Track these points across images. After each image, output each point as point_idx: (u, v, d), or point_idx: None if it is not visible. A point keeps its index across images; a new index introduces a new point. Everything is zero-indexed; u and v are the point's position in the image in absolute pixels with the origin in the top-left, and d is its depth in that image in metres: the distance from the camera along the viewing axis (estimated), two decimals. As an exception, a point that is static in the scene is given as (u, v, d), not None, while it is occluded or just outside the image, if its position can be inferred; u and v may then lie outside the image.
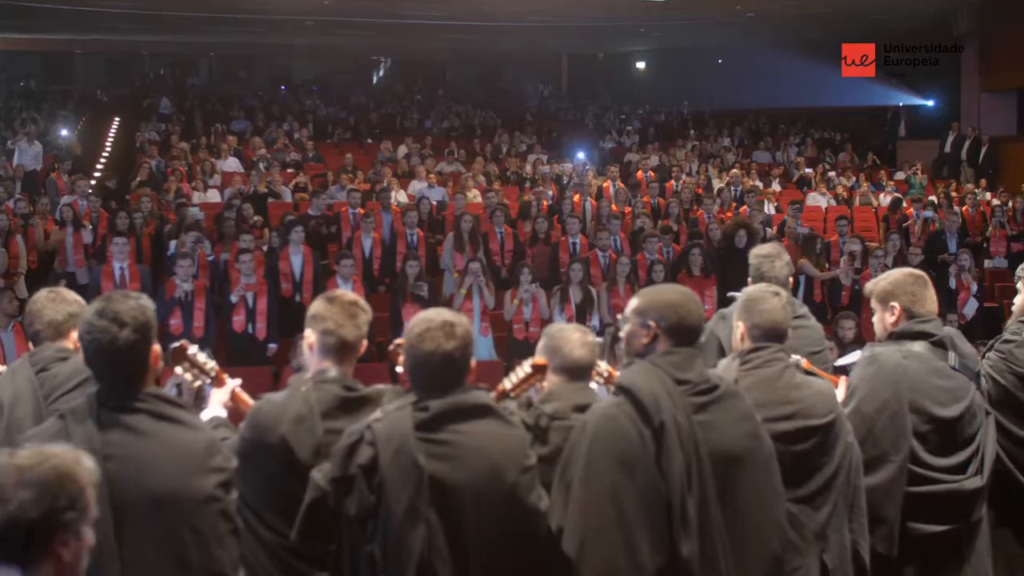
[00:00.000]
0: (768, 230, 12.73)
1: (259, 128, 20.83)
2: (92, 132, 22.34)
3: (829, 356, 4.65)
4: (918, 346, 3.89)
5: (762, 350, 3.53)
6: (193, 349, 3.61)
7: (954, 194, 16.58)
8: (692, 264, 10.53)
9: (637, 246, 11.49)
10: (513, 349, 9.77)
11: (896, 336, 3.95)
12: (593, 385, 3.61)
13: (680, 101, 27.69)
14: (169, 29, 26.24)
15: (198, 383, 3.62)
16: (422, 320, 3.05)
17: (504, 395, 3.42)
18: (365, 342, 3.35)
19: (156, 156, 17.22)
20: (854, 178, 18.65)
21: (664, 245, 11.39)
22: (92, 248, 11.30)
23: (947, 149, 20.54)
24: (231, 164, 17.11)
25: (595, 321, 9.82)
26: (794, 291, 11.14)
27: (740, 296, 3.70)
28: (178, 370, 3.59)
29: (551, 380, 3.42)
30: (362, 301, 3.36)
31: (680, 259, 11.08)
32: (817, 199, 16.72)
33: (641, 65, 32.09)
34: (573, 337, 3.44)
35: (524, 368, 3.44)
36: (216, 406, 3.62)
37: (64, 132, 20.45)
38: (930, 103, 22.66)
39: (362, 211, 12.14)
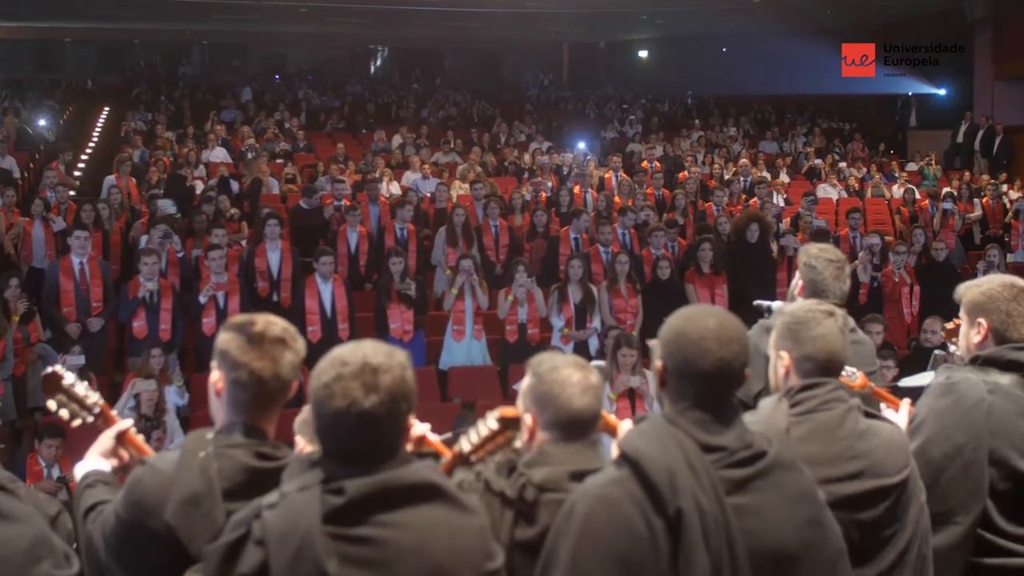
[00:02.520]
0: (780, 223, 12.00)
1: (249, 118, 20.18)
2: (79, 122, 21.80)
3: (886, 375, 3.85)
4: (1007, 379, 3.08)
5: (816, 388, 2.72)
6: (70, 379, 2.76)
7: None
8: (701, 260, 9.78)
9: (642, 241, 10.77)
10: (507, 352, 9.11)
11: (982, 362, 3.15)
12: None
13: (683, 90, 27.10)
14: (161, 16, 25.82)
15: (77, 422, 2.78)
16: (334, 361, 2.14)
17: (462, 460, 2.50)
18: (296, 384, 2.49)
19: (140, 146, 16.55)
20: (864, 169, 18.01)
21: (669, 239, 10.66)
22: (61, 242, 10.58)
23: (960, 139, 19.90)
24: (218, 154, 16.46)
25: (596, 323, 9.13)
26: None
27: (783, 317, 2.86)
28: (51, 405, 2.77)
29: (541, 437, 2.49)
30: (291, 332, 2.50)
31: (688, 255, 10.35)
32: (827, 190, 16.03)
33: (643, 54, 31.54)
34: (572, 379, 2.45)
35: (489, 422, 2.47)
36: (94, 457, 2.76)
37: (42, 123, 19.69)
38: (942, 92, 22.00)
39: (348, 201, 11.47)
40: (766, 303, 3.88)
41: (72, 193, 13.37)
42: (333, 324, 8.75)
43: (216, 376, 2.47)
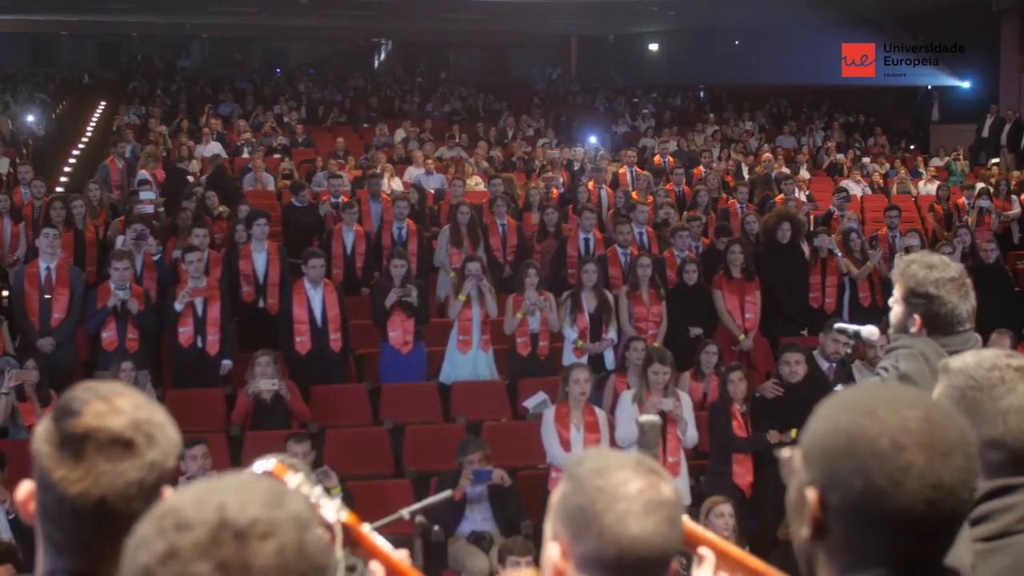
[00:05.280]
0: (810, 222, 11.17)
1: (247, 111, 19.45)
2: (74, 117, 21.13)
3: None
4: None
5: (1012, 494, 1.82)
6: None
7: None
8: (731, 264, 8.84)
9: (663, 241, 9.93)
10: (516, 367, 8.27)
11: None
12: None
13: (696, 84, 26.37)
14: (160, 9, 25.33)
15: None
16: (162, 522, 1.12)
17: None
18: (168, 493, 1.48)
19: (132, 141, 15.81)
20: (888, 164, 17.22)
21: (693, 239, 9.80)
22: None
23: (985, 134, 19.07)
24: (212, 149, 15.73)
25: (612, 333, 8.26)
26: (839, 297, 9.70)
27: (949, 377, 1.89)
28: None
29: None
30: (148, 428, 1.47)
31: (714, 257, 9.47)
32: (851, 187, 15.21)
33: (654, 47, 30.81)
34: (627, 489, 1.44)
35: None
36: None
37: (30, 118, 18.96)
38: (966, 84, 21.17)
39: (345, 197, 10.70)
40: (851, 327, 3.04)
41: (59, 190, 12.68)
42: (324, 334, 7.92)
43: (25, 490, 1.50)
